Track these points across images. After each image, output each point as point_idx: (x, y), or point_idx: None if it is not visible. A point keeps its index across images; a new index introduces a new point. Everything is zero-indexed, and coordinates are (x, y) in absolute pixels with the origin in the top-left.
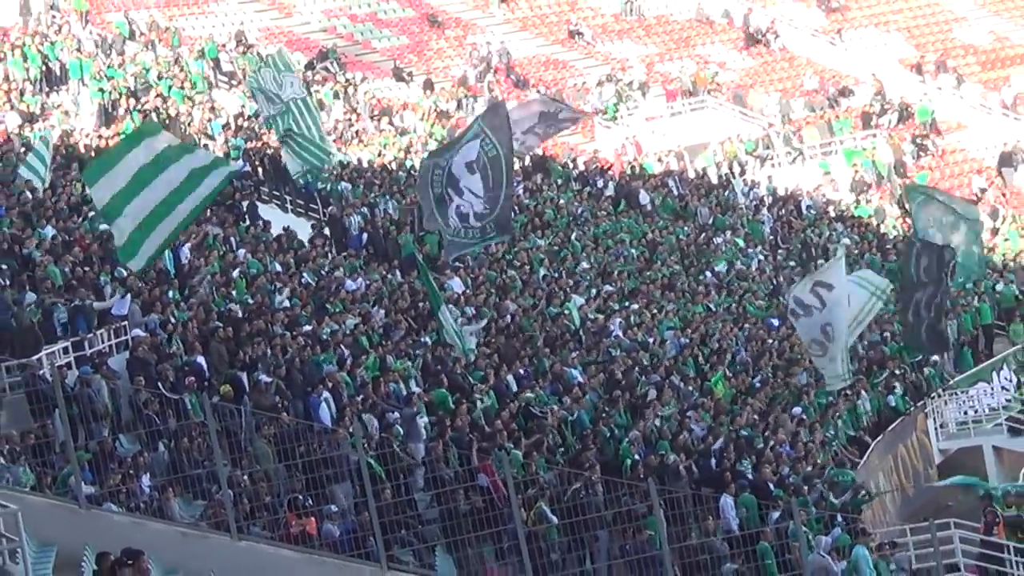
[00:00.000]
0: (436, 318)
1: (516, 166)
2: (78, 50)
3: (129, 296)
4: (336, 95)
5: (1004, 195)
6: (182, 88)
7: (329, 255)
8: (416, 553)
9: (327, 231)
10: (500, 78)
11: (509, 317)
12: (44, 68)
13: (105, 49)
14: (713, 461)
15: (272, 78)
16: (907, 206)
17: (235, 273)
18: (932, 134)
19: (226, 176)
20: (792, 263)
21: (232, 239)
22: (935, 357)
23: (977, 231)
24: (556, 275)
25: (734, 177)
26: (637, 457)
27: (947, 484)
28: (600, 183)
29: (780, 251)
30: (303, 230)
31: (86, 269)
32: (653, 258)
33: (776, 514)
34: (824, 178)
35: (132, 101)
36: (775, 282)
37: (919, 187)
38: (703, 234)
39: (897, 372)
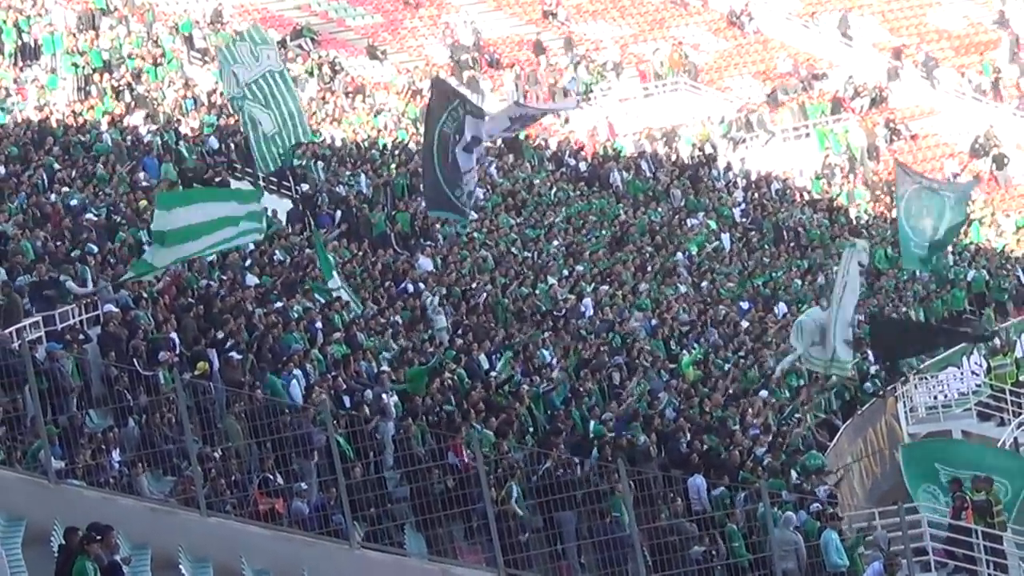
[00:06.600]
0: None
1: (487, 144)
2: (50, 24)
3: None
4: (310, 73)
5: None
6: (155, 64)
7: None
8: (386, 532)
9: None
10: (472, 57)
11: (482, 296)
12: (19, 43)
13: (80, 24)
14: (683, 443)
15: (248, 51)
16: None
17: None
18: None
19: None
20: (765, 246)
21: None
22: None
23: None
24: (528, 255)
25: (707, 159)
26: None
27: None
28: (572, 163)
29: (752, 233)
30: (275, 207)
31: (58, 244)
32: (625, 239)
33: (744, 495)
34: (819, 155)
35: (106, 76)
36: (746, 264)
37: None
38: (675, 216)
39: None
